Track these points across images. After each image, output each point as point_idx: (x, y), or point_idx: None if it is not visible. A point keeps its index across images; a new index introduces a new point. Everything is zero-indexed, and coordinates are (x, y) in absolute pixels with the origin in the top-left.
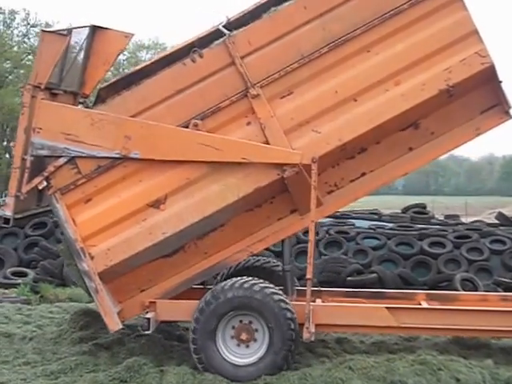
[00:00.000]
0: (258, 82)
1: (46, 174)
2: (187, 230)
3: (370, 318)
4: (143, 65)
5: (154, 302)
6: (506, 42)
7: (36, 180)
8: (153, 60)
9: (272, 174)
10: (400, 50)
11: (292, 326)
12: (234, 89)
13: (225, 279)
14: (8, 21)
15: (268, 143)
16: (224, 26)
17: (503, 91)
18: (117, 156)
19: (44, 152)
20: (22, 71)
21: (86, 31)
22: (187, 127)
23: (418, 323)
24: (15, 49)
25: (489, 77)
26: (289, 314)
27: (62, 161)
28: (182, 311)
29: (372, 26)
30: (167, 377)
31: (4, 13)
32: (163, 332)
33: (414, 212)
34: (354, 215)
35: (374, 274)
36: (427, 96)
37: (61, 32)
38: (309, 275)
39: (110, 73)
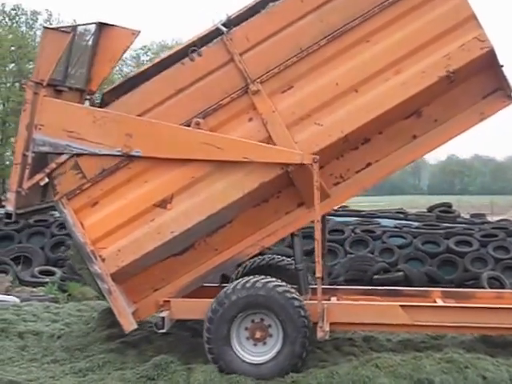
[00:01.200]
0: (258, 78)
1: (47, 170)
2: (195, 227)
3: (384, 316)
4: (145, 67)
5: (169, 301)
6: (505, 26)
7: (37, 176)
8: (155, 62)
9: (276, 169)
10: (399, 39)
11: (302, 313)
12: (234, 86)
13: (241, 277)
14: (30, 22)
15: (271, 138)
16: (224, 24)
17: (504, 75)
18: (118, 154)
19: (46, 149)
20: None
21: (93, 28)
22: (189, 126)
23: (433, 321)
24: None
25: (489, 61)
26: (296, 303)
27: (63, 158)
28: (196, 310)
29: (370, 16)
30: (194, 374)
31: (26, 14)
32: (190, 330)
33: (440, 211)
34: (379, 214)
35: (401, 273)
36: (428, 83)
37: (64, 29)
38: (318, 274)
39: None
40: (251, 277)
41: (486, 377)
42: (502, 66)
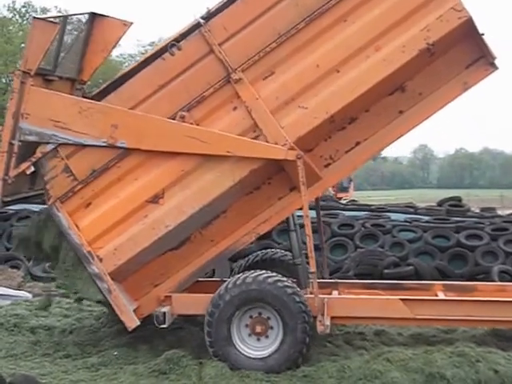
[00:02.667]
0: (239, 67)
1: (33, 159)
2: (189, 220)
3: (385, 310)
4: (130, 67)
5: (170, 296)
6: None
7: (23, 165)
8: (139, 61)
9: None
10: (376, 16)
11: (297, 299)
12: (216, 76)
13: (242, 272)
14: None
15: (256, 125)
16: (204, 17)
17: (485, 43)
18: (103, 144)
19: (32, 138)
20: None
21: (85, 18)
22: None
23: (434, 314)
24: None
25: (468, 31)
26: (289, 290)
27: (49, 147)
28: (197, 305)
29: None
30: (206, 369)
31: (36, 11)
32: (201, 324)
33: (450, 205)
34: (389, 208)
35: (411, 267)
36: (408, 57)
37: (52, 20)
38: (312, 269)
39: None
40: (241, 274)
41: (497, 370)
42: (482, 34)
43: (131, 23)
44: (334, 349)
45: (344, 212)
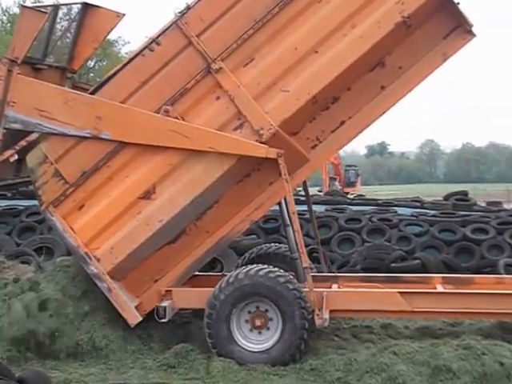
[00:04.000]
0: (219, 56)
1: (17, 147)
2: (182, 213)
3: (383, 303)
4: (115, 69)
5: (170, 291)
6: None
7: (7, 152)
8: (123, 63)
9: (251, 140)
10: None
11: (291, 287)
12: (197, 68)
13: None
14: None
15: (240, 113)
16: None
17: (461, 12)
18: (87, 135)
19: (17, 126)
20: None
21: (78, 8)
22: None
23: (432, 307)
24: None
25: (443, 1)
26: (281, 279)
27: (33, 136)
28: (198, 299)
29: None
30: (214, 363)
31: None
32: None
33: (456, 199)
34: (396, 203)
35: (418, 261)
36: (385, 32)
37: (41, 9)
38: (304, 264)
39: None
40: (233, 271)
41: (503, 363)
42: (457, 3)
43: (123, 15)
44: (341, 342)
45: (351, 207)
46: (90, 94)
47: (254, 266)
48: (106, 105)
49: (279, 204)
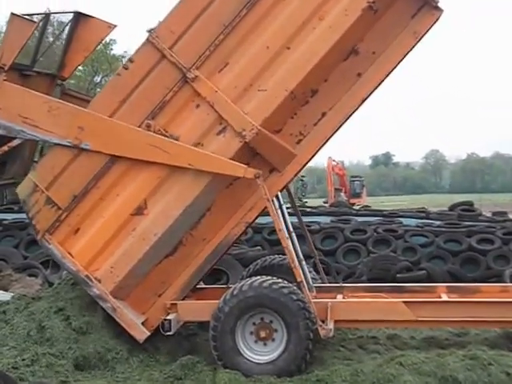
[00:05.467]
0: (193, 65)
1: None
2: (176, 223)
3: (388, 313)
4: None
5: (175, 304)
6: None
7: None
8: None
9: (235, 142)
10: None
11: (295, 298)
12: (173, 79)
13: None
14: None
15: (222, 117)
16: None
17: None
18: (68, 144)
19: (0, 131)
20: (72, 81)
21: (70, 17)
22: None
23: (436, 316)
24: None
25: None
26: (285, 290)
27: (15, 142)
28: (203, 311)
29: None
30: (220, 374)
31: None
32: None
33: (462, 210)
34: (401, 213)
35: (424, 271)
36: (353, 19)
37: (30, 18)
38: (298, 278)
39: None
40: (237, 283)
41: (509, 373)
42: None
43: (115, 26)
44: (347, 353)
45: (357, 217)
46: None
47: (258, 277)
48: (89, 116)
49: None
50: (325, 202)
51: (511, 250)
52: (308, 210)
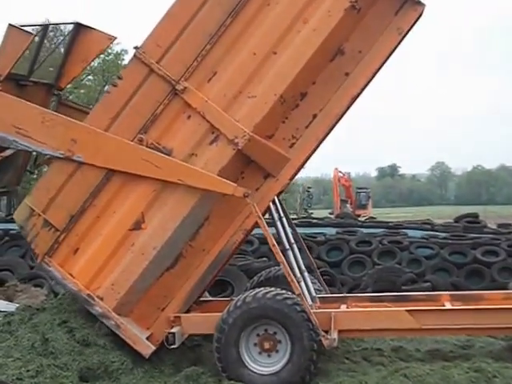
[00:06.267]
0: (182, 76)
1: None
2: (175, 236)
3: (392, 322)
4: None
5: (179, 317)
6: None
7: None
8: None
9: (228, 150)
10: None
11: (299, 309)
12: (163, 92)
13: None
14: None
15: (213, 127)
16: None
17: None
18: (61, 156)
19: None
20: (82, 91)
21: (69, 28)
22: None
23: (441, 324)
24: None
25: None
26: (289, 302)
27: (8, 152)
28: (207, 324)
29: None
30: None
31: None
32: None
33: (467, 221)
34: (406, 225)
35: (428, 283)
36: (337, 20)
37: (27, 30)
38: (296, 291)
39: None
40: (240, 295)
41: None
42: None
43: (115, 38)
44: (351, 365)
45: (362, 229)
46: None
47: (262, 288)
48: (83, 128)
49: (276, 228)
50: (330, 214)
51: None
52: (314, 221)
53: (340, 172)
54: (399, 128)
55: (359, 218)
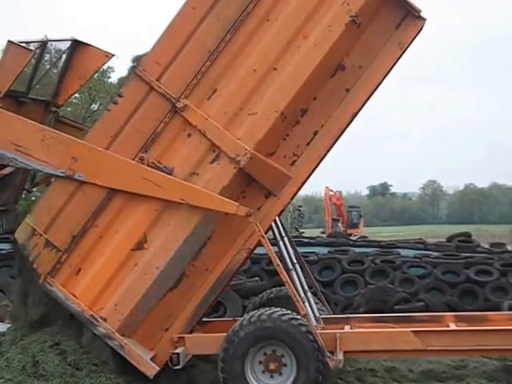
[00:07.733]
0: (182, 94)
1: None
2: (177, 255)
3: (397, 343)
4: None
5: (183, 337)
6: None
7: None
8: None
9: (229, 169)
10: (295, 6)
11: (311, 338)
12: (163, 110)
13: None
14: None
15: (214, 144)
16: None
17: (406, 1)
18: (61, 175)
19: None
20: (68, 109)
21: (67, 44)
22: None
23: (445, 345)
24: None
25: None
26: (303, 328)
27: (7, 170)
28: (211, 345)
29: None
30: None
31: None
32: (214, 363)
33: (459, 241)
34: (399, 244)
35: (422, 303)
36: (337, 35)
37: (26, 46)
38: (302, 311)
39: None
40: (255, 311)
41: None
42: None
43: (112, 55)
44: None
45: (354, 248)
46: None
47: (278, 309)
48: (83, 146)
49: (279, 248)
50: (322, 233)
51: (509, 281)
52: (305, 240)
53: (331, 190)
54: (391, 147)
55: (351, 237)
